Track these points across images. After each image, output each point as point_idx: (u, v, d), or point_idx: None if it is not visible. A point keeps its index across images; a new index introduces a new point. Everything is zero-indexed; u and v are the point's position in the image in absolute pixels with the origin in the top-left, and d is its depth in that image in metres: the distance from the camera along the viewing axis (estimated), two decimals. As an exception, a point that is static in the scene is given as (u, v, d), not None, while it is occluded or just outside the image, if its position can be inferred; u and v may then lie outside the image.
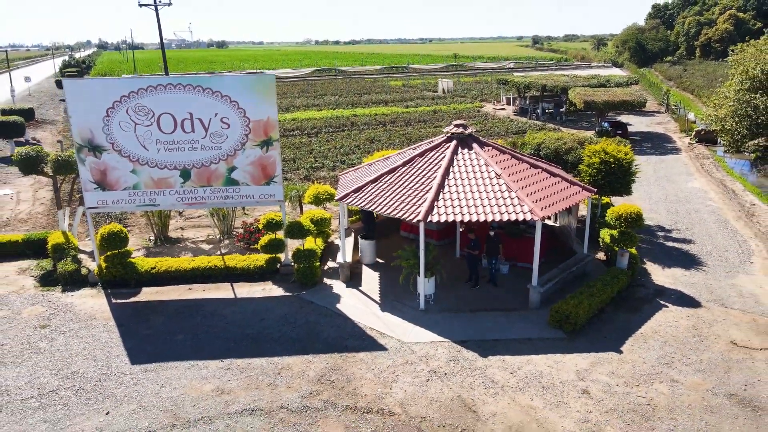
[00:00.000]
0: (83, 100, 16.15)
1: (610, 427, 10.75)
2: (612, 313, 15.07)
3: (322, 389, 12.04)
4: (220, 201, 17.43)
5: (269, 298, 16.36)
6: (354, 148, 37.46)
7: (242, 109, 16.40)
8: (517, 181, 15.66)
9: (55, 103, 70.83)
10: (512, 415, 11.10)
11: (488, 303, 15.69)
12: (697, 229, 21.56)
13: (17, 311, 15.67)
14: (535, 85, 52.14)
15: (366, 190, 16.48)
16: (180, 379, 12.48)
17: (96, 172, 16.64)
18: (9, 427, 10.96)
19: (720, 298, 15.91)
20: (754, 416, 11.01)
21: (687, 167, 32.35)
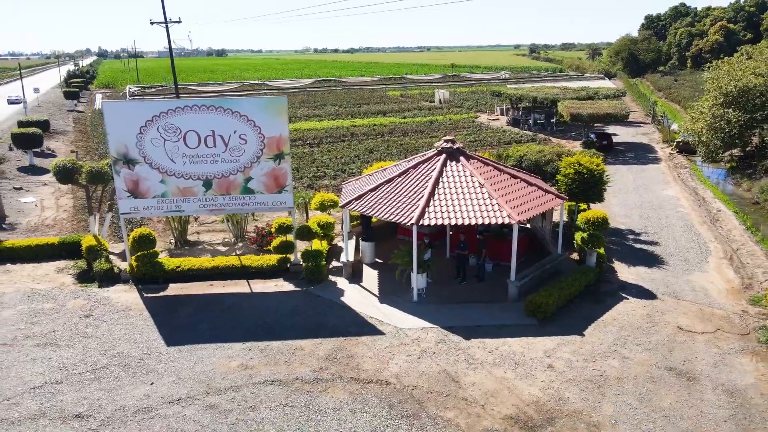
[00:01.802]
0: (120, 120, 18.56)
1: (568, 392, 13.11)
2: (579, 303, 17.45)
3: (329, 365, 14.38)
4: (237, 207, 19.85)
5: (281, 293, 18.73)
6: (354, 158, 39.84)
7: (258, 127, 18.83)
8: (498, 189, 18.08)
9: (63, 113, 73.28)
10: (488, 384, 13.46)
11: (473, 296, 18.07)
12: (664, 233, 23.99)
13: (62, 303, 18.01)
14: (527, 97, 54.72)
15: (366, 197, 18.89)
16: (210, 357, 14.81)
17: (129, 182, 19.05)
18: (72, 394, 13.28)
19: (675, 291, 18.31)
20: (687, 384, 13.37)
21: (664, 176, 34.83)
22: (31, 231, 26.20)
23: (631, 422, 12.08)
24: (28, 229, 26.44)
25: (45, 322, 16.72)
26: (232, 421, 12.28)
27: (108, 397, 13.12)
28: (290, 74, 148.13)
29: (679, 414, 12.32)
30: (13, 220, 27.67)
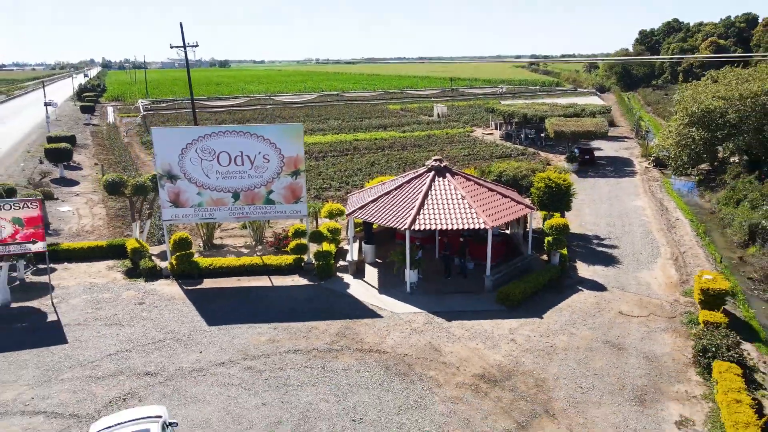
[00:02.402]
0: (165, 143, 22.63)
1: (524, 358, 17.02)
2: (543, 294, 21.36)
3: (339, 339, 18.30)
4: (260, 215, 23.88)
5: (298, 286, 22.68)
6: (357, 170, 43.87)
7: (279, 149, 22.88)
8: (476, 201, 22.07)
9: (80, 127, 77.46)
10: (463, 353, 17.37)
11: (456, 288, 22.00)
12: (625, 238, 27.95)
13: (118, 294, 21.97)
14: (518, 114, 58.87)
15: (368, 207, 22.89)
16: (243, 334, 18.74)
17: (172, 194, 23.07)
18: (140, 359, 17.19)
19: (622, 285, 22.25)
20: (617, 353, 17.28)
21: (636, 188, 38.83)
22: (73, 236, 30.20)
23: (569, 378, 15.98)
24: (71, 235, 30.45)
25: (107, 308, 20.68)
26: (266, 378, 16.19)
27: (168, 361, 17.05)
28: (293, 87, 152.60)
29: (606, 372, 16.23)
30: (56, 227, 31.68)
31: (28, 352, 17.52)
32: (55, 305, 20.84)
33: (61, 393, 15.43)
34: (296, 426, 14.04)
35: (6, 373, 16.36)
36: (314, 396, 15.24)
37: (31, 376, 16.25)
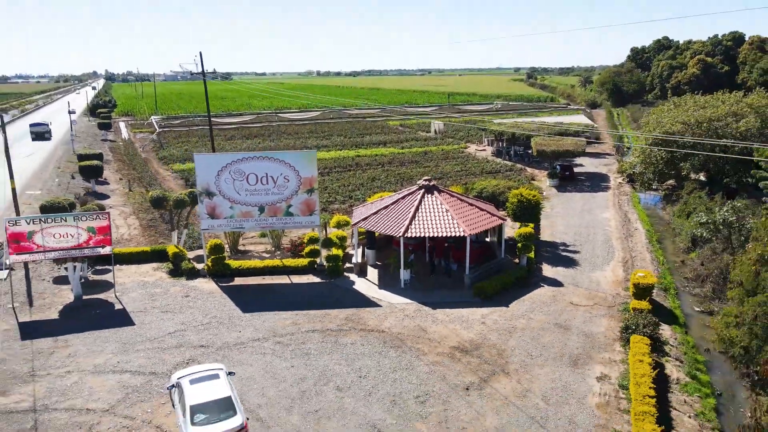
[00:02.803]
0: (204, 167, 27.93)
1: (490, 336, 22.13)
2: (511, 289, 26.50)
3: (347, 322, 23.43)
4: (281, 225, 29.12)
5: (312, 283, 27.85)
6: (359, 185, 49.10)
7: (297, 171, 28.16)
8: (458, 213, 27.29)
9: (99, 143, 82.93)
10: (443, 332, 22.51)
11: (441, 285, 27.17)
12: (587, 245, 33.16)
13: (166, 289, 27.14)
14: (508, 133, 64.28)
15: (370, 218, 28.12)
16: (271, 319, 23.87)
17: (209, 208, 28.33)
18: (194, 336, 22.32)
19: (577, 282, 27.42)
20: (563, 332, 22.41)
21: (607, 202, 44.07)
22: (115, 244, 35.37)
23: (523, 349, 21.11)
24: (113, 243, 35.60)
25: (160, 300, 25.85)
26: (292, 349, 21.31)
27: (216, 338, 22.19)
28: (297, 102, 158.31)
29: (552, 345, 21.36)
30: (99, 235, 36.82)
31: (107, 331, 22.67)
32: (119, 297, 26.01)
33: (138, 359, 20.57)
34: (317, 380, 19.16)
35: (94, 346, 21.50)
36: (329, 361, 20.37)
37: (113, 347, 21.40)
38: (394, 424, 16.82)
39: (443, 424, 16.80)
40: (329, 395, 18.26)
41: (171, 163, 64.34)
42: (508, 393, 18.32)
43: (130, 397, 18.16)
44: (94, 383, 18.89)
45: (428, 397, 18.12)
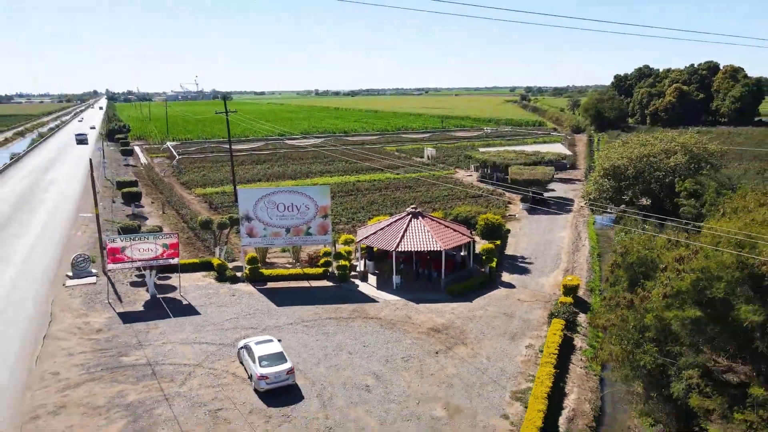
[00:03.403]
0: (246, 198, 37.32)
1: (456, 321, 31.33)
2: (476, 290, 35.72)
3: (354, 313, 32.62)
4: (302, 243, 38.45)
5: (327, 286, 37.05)
6: (360, 208, 58.35)
7: (315, 201, 37.55)
8: (437, 233, 36.60)
9: (123, 168, 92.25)
10: (423, 319, 31.71)
11: (423, 287, 36.41)
12: (541, 257, 42.48)
13: (216, 290, 36.31)
14: (490, 161, 73.92)
15: (370, 237, 37.43)
16: (299, 311, 33.04)
17: (248, 229, 37.64)
18: (245, 321, 31.45)
19: (526, 285, 36.68)
20: (508, 318, 31.64)
21: (566, 223, 53.49)
22: (164, 257, 44.43)
23: (478, 329, 30.30)
24: (162, 256, 44.71)
25: (214, 298, 35.02)
26: (315, 330, 30.45)
27: (260, 323, 31.34)
28: (299, 125, 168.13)
29: (499, 327, 30.56)
30: (150, 251, 45.96)
31: (181, 318, 31.81)
32: (183, 296, 35.19)
33: (209, 335, 29.70)
34: (334, 348, 28.26)
35: (176, 327, 30.62)
36: (342, 337, 29.50)
37: (190, 328, 30.54)
38: (387, 372, 25.93)
39: (419, 372, 25.93)
40: (343, 356, 27.39)
41: (193, 188, 73.57)
42: (463, 355, 27.48)
43: (209, 357, 27.28)
44: (183, 349, 28.03)
45: (410, 357, 27.27)
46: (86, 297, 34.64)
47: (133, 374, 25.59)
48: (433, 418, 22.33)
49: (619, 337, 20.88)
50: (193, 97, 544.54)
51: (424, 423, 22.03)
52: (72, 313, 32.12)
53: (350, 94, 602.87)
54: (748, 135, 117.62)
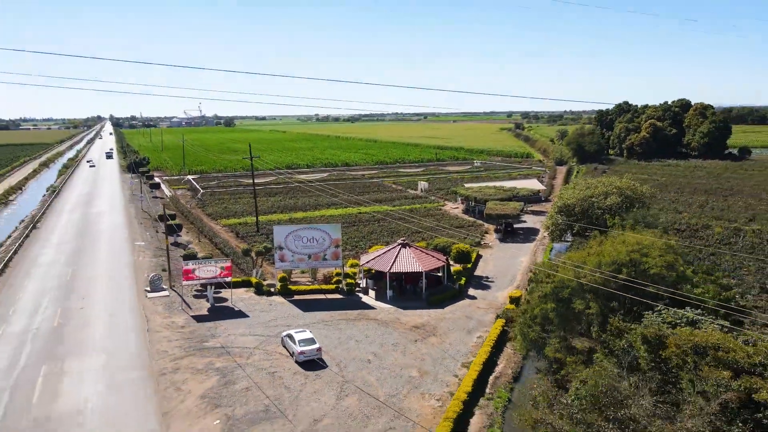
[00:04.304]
0: (279, 232, 51.45)
1: (431, 321, 45.01)
2: (448, 301, 49.43)
3: (359, 317, 46.33)
4: (319, 266, 52.41)
5: (338, 298, 50.80)
6: (361, 238, 72.19)
7: (330, 235, 51.58)
8: (419, 258, 50.48)
9: (152, 201, 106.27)
10: (408, 320, 45.43)
11: (409, 298, 50.19)
12: (501, 277, 56.17)
13: (257, 301, 50.04)
14: (472, 197, 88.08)
15: (370, 261, 51.32)
16: (318, 314, 46.72)
17: (280, 256, 51.60)
18: (281, 321, 45.09)
19: (485, 297, 50.40)
20: (468, 319, 45.36)
21: (529, 250, 67.20)
22: (209, 277, 58.23)
23: (446, 326, 43.98)
24: (207, 276, 58.51)
25: (256, 306, 48.71)
26: (331, 327, 44.11)
27: (292, 322, 45.00)
28: (303, 156, 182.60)
29: (461, 324, 44.25)
30: (197, 272, 59.75)
31: (236, 319, 45.44)
32: (234, 305, 48.85)
33: (258, 330, 43.33)
34: (345, 338, 41.83)
35: (234, 325, 44.24)
36: (351, 332, 43.13)
37: (244, 326, 44.17)
38: (381, 352, 39.51)
39: (403, 352, 39.50)
40: (351, 343, 40.98)
41: (218, 219, 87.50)
42: (434, 342, 41.10)
43: (262, 343, 40.88)
44: (243, 339, 41.65)
45: (397, 344, 40.88)
46: (165, 305, 48.38)
47: (214, 352, 39.20)
48: (410, 377, 35.89)
49: (519, 323, 34.56)
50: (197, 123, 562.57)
51: (404, 380, 35.58)
52: (160, 316, 45.85)
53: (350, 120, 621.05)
54: (710, 169, 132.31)
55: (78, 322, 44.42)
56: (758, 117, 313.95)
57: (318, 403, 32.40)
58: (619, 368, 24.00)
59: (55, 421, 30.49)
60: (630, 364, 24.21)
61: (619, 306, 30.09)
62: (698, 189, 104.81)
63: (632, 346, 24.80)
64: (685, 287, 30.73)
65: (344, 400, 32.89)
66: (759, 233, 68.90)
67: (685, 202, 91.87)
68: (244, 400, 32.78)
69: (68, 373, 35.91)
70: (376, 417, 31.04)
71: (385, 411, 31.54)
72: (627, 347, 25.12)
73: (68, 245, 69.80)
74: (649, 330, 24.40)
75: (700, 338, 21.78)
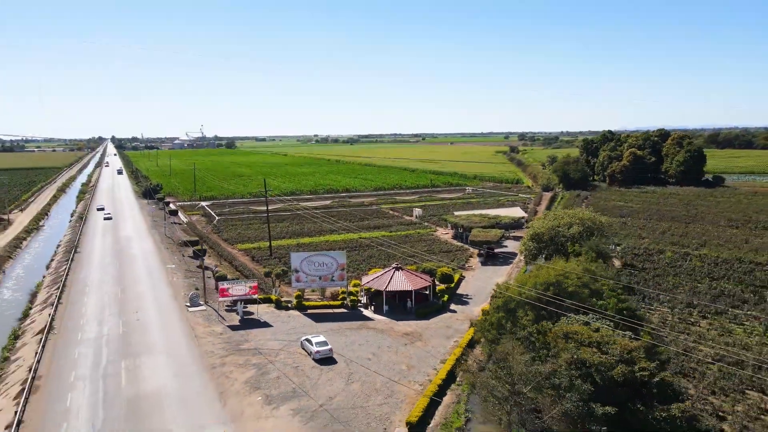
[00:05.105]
0: (296, 258, 63.84)
1: (418, 329, 57.16)
2: (433, 314, 61.60)
3: (360, 326, 58.50)
4: (328, 285, 64.78)
5: (343, 312, 62.99)
6: (362, 261, 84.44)
7: (336, 260, 64.01)
8: (410, 279, 62.81)
9: (169, 225, 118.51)
10: (400, 328, 57.61)
11: (401, 312, 62.42)
12: (478, 295, 68.36)
13: (278, 314, 62.19)
14: (459, 224, 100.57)
15: (369, 282, 63.63)
16: (328, 325, 58.86)
17: (296, 278, 64.00)
18: (299, 329, 57.20)
19: (464, 311, 62.64)
20: (448, 328, 57.53)
21: (505, 272, 79.46)
22: (234, 295, 70.51)
23: (429, 333, 56.14)
24: (233, 294, 70.79)
25: (277, 318, 60.87)
26: (339, 335, 56.22)
27: (308, 331, 57.08)
28: (306, 180, 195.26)
29: (442, 332, 56.43)
30: (223, 291, 72.05)
31: (263, 328, 57.56)
32: (259, 317, 60.96)
33: (281, 336, 55.44)
34: (350, 342, 53.93)
35: (262, 332, 56.36)
36: (354, 338, 55.23)
37: (270, 333, 56.31)
38: (379, 353, 51.58)
39: (395, 352, 51.59)
40: (355, 346, 53.06)
41: (235, 243, 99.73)
42: (420, 346, 53.20)
43: (286, 346, 52.95)
44: (270, 343, 53.74)
45: (391, 346, 52.96)
46: (204, 317, 60.53)
47: (249, 353, 51.25)
48: (400, 370, 47.91)
49: (480, 328, 46.81)
50: (198, 144, 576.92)
51: (395, 372, 47.59)
52: (201, 325, 57.99)
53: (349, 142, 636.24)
54: (683, 196, 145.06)
55: (138, 330, 56.56)
56: (744, 141, 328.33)
57: (332, 387, 44.47)
58: (525, 348, 36.68)
59: (143, 399, 42.53)
60: (534, 345, 36.91)
61: (547, 314, 42.28)
62: (666, 216, 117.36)
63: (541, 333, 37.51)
64: (592, 301, 42.95)
65: (351, 385, 44.93)
66: (704, 258, 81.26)
67: (651, 228, 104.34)
68: (276, 384, 44.85)
69: (143, 366, 48.01)
70: (374, 396, 43.09)
71: (381, 392, 43.60)
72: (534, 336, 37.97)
73: (110, 267, 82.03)
74: (546, 327, 36.95)
75: (567, 328, 34.15)
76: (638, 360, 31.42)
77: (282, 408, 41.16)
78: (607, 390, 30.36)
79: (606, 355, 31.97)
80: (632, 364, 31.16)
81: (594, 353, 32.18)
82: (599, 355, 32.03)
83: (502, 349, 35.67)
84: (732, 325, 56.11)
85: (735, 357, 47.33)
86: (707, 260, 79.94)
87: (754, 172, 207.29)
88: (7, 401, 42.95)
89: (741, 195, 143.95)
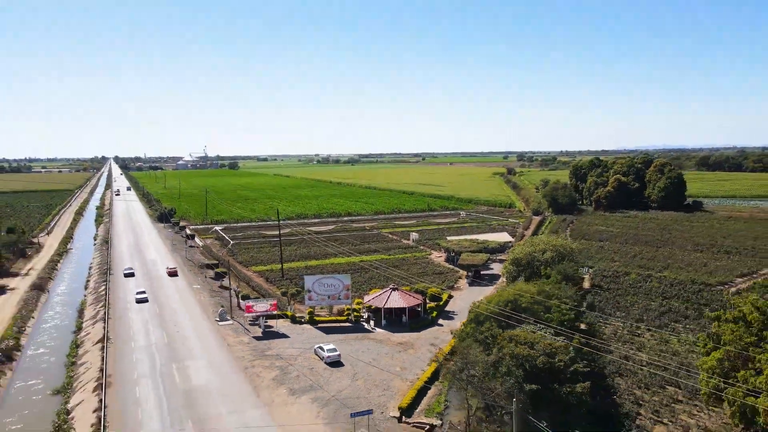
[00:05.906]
0: (309, 280, 76.97)
1: (410, 339, 69.90)
2: (423, 327, 74.36)
3: (362, 337, 71.29)
4: (335, 303, 77.76)
5: (348, 325, 75.83)
6: (363, 282, 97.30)
7: (343, 282, 77.08)
8: (404, 298, 75.73)
9: (187, 248, 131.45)
10: (396, 338, 70.38)
11: (397, 326, 75.22)
12: (463, 312, 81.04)
13: (293, 328, 74.98)
14: (450, 248, 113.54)
15: (370, 300, 76.57)
16: (336, 336, 71.62)
17: (309, 297, 77.05)
18: (313, 340, 69.90)
19: (450, 325, 75.39)
20: (435, 338, 70.30)
21: (488, 291, 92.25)
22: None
23: (419, 343, 68.88)
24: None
25: (293, 331, 73.68)
26: (345, 344, 68.97)
27: (319, 341, 69.81)
28: (309, 204, 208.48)
29: (430, 341, 69.21)
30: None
31: (281, 339, 70.32)
32: (278, 330, 73.71)
33: (298, 345, 68.21)
34: (354, 351, 66.65)
35: (282, 342, 69.09)
36: (358, 346, 67.96)
37: (288, 342, 69.07)
38: (378, 357, 64.29)
39: (391, 358, 64.29)
40: (359, 352, 65.76)
41: (249, 266, 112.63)
42: (412, 353, 65.91)
43: (302, 353, 65.67)
44: (289, 350, 66.49)
45: (388, 353, 65.68)
46: (232, 330, 73.29)
47: (273, 357, 63.95)
48: (395, 371, 60.56)
49: (457, 338, 59.65)
50: (201, 165, 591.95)
51: (391, 372, 60.21)
52: (231, 336, 70.74)
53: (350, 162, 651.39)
54: (661, 220, 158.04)
55: (179, 340, 69.34)
56: (734, 164, 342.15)
57: (340, 383, 57.14)
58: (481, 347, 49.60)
59: (195, 392, 55.21)
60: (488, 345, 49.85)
61: (506, 324, 55.11)
62: (641, 240, 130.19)
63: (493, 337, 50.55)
64: (543, 315, 55.73)
65: (356, 381, 57.60)
66: (662, 279, 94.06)
67: (624, 252, 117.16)
68: (297, 381, 57.53)
69: (189, 368, 60.74)
70: (374, 390, 55.75)
71: (379, 387, 56.27)
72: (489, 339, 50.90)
73: (144, 288, 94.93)
74: (497, 332, 49.99)
75: (510, 333, 47.20)
76: (558, 354, 44.33)
77: (303, 398, 53.81)
78: (533, 374, 43.14)
79: (533, 350, 44.80)
80: (552, 357, 44.01)
81: (525, 349, 44.97)
82: (528, 350, 44.84)
83: (465, 345, 48.53)
84: (671, 337, 68.80)
85: (664, 361, 60.01)
86: (665, 282, 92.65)
87: (736, 196, 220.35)
88: (87, 394, 55.62)
89: (715, 220, 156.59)
